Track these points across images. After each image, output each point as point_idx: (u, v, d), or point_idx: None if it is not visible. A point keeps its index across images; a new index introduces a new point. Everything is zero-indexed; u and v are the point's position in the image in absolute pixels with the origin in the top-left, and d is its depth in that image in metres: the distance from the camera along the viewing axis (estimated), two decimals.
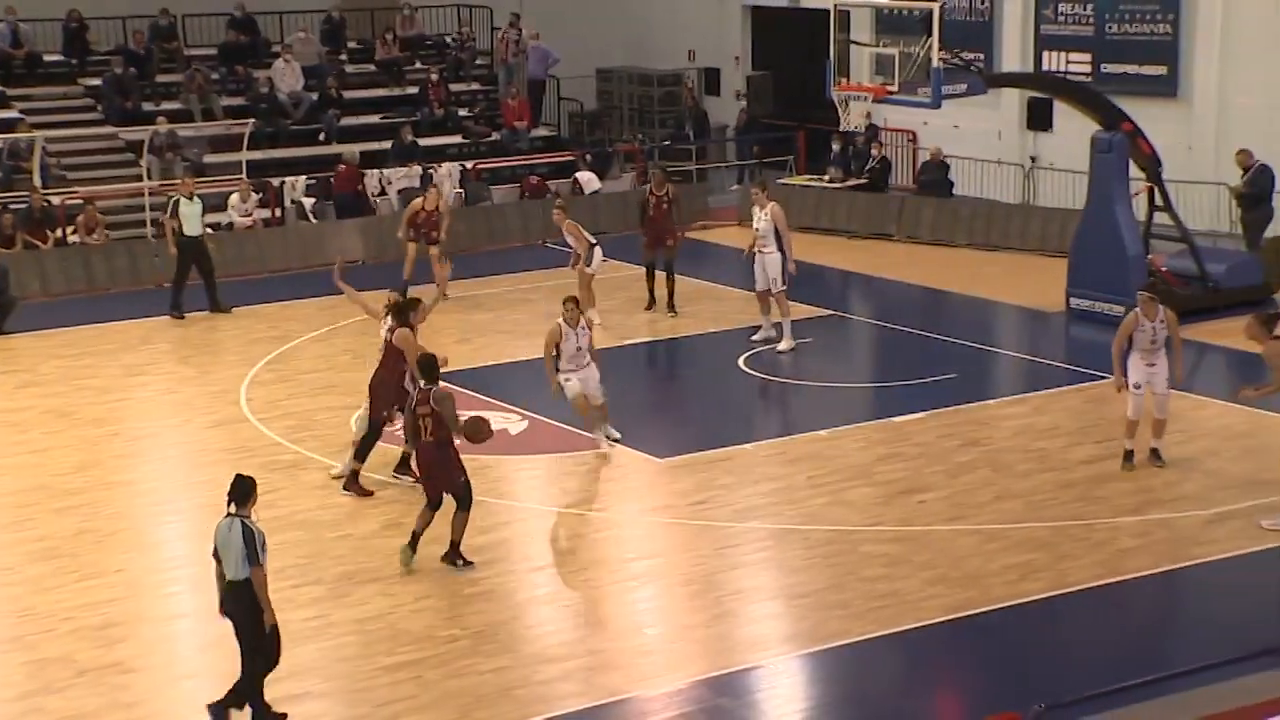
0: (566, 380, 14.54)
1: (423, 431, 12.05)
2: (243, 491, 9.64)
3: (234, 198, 23.67)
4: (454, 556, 12.24)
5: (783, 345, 18.08)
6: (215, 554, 9.71)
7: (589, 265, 18.90)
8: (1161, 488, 13.70)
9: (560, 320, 14.51)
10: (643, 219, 20.04)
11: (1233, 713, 8.66)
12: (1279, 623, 11.47)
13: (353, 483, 13.92)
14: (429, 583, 11.93)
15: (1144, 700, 8.93)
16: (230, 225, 23.55)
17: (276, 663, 9.83)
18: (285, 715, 9.89)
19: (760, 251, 18.05)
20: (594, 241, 19.08)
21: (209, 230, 21.63)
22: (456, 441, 12.08)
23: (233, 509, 9.64)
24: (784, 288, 18.05)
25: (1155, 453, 14.11)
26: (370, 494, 13.90)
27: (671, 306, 19.68)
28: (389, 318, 13.95)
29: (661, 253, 19.87)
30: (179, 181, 21.63)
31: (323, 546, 12.73)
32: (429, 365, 12.22)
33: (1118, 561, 12.13)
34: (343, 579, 12.07)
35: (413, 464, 13.47)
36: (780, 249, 17.95)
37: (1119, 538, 12.59)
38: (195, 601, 11.96)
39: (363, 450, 13.96)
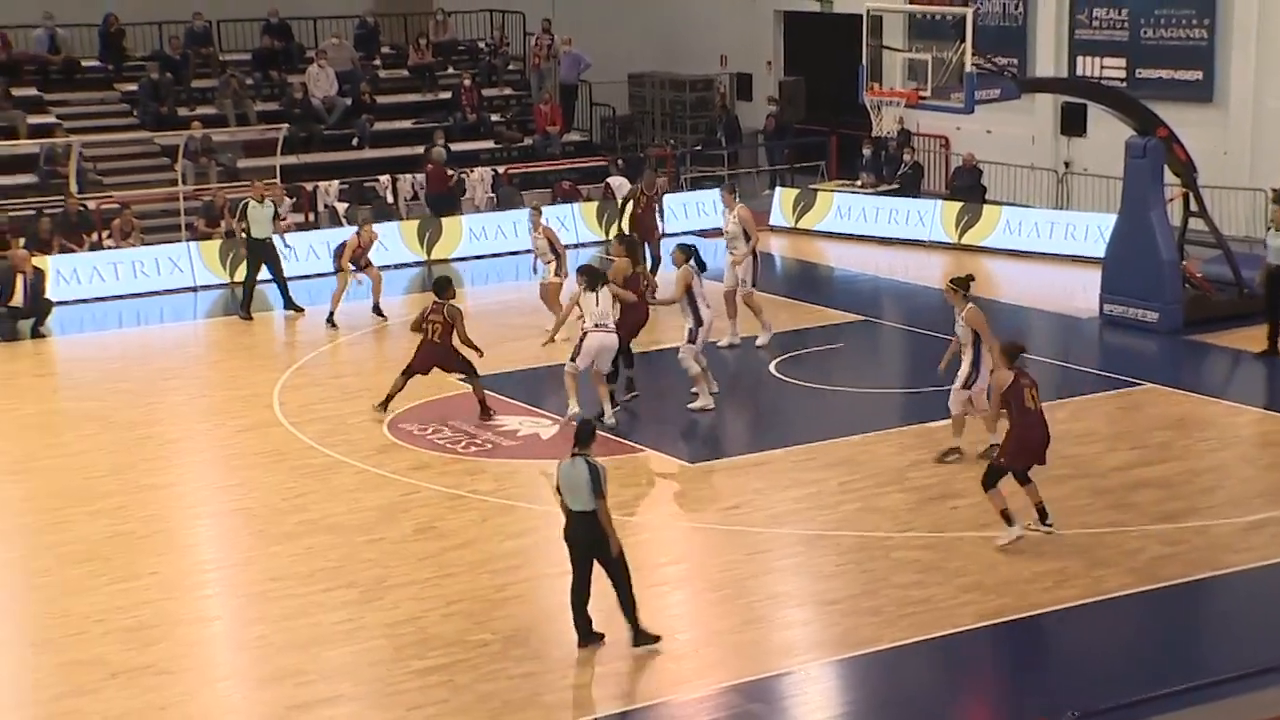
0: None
1: (430, 333, 15.77)
2: (586, 434, 10.79)
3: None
4: (486, 414, 15.82)
5: (762, 339, 18.26)
6: (558, 489, 10.80)
7: (557, 273, 18.80)
8: (1196, 495, 13.60)
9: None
10: (631, 217, 20.34)
11: None
12: None
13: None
14: (460, 587, 11.95)
15: (1176, 709, 8.88)
16: None
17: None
18: (659, 638, 10.81)
19: (730, 252, 18.32)
20: (560, 252, 18.97)
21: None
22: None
23: (576, 450, 10.66)
24: (751, 288, 18.31)
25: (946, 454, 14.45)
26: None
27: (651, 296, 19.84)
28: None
29: (650, 248, 20.02)
30: (251, 184, 21.71)
31: (354, 550, 12.76)
32: (444, 283, 15.98)
33: (1152, 569, 12.04)
34: (374, 583, 12.10)
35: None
36: (751, 251, 18.19)
37: (1153, 545, 12.50)
38: (229, 604, 12.03)
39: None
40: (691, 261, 15.97)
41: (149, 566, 12.61)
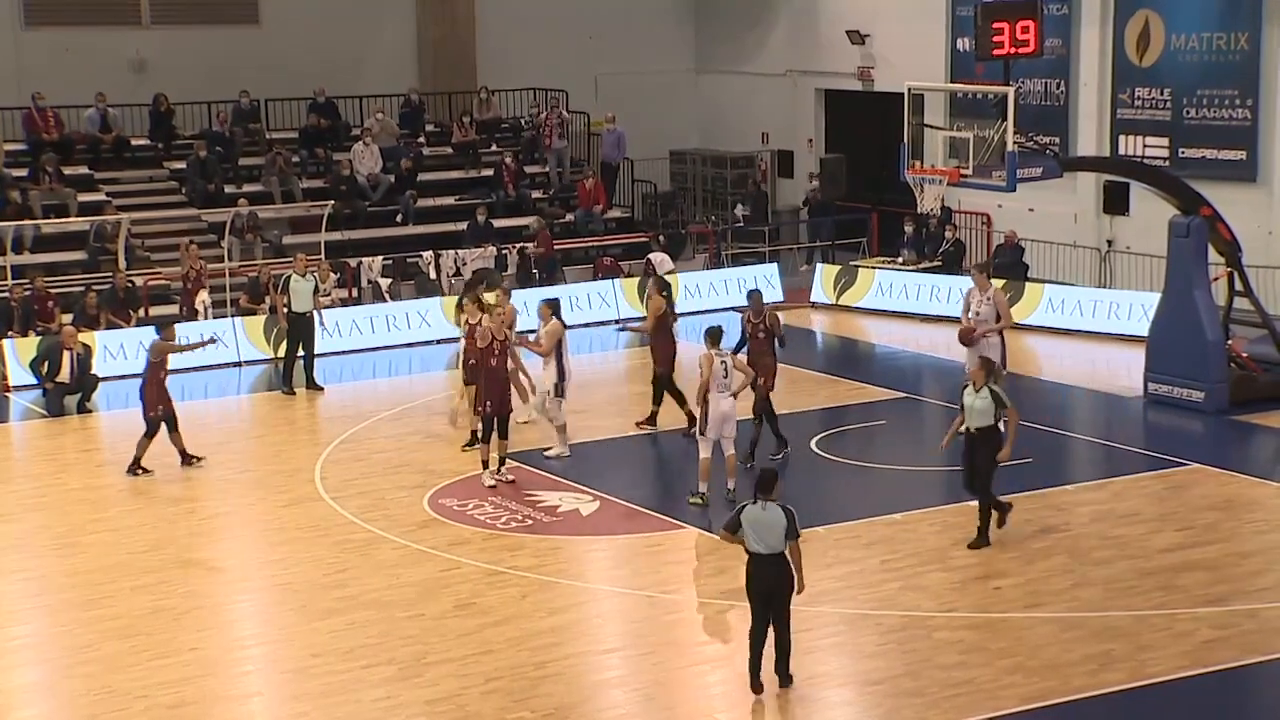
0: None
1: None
2: (768, 481, 11.19)
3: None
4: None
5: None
6: (732, 533, 11.20)
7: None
8: (1245, 577, 13.43)
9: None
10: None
11: None
12: None
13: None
14: (499, 664, 11.90)
15: None
16: None
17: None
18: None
19: (985, 336, 17.55)
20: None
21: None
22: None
23: (761, 496, 11.07)
24: (1004, 370, 17.39)
25: None
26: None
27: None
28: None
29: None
30: (295, 259, 21.82)
31: (394, 626, 12.74)
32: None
33: (1201, 653, 11.87)
34: (414, 659, 12.06)
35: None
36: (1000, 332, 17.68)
37: (1202, 628, 12.33)
38: (269, 680, 12.02)
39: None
40: (559, 316, 17.01)
41: (190, 642, 12.62)
